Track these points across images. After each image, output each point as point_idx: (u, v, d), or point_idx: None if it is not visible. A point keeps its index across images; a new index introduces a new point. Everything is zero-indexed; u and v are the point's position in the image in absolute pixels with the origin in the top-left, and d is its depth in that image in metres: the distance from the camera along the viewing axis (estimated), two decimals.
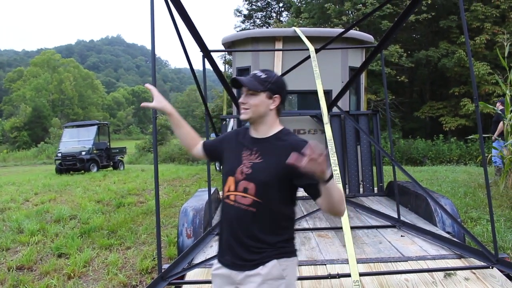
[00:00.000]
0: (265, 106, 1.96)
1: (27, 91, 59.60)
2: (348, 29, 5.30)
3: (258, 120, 1.99)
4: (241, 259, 1.92)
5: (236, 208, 1.93)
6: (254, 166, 1.93)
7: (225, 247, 2.00)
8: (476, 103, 3.22)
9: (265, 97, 1.96)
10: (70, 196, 10.07)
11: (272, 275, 1.88)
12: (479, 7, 21.69)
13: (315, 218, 4.75)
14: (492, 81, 20.64)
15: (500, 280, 2.89)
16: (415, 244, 3.68)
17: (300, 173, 1.63)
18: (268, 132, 2.00)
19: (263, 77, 1.97)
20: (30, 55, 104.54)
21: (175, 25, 3.68)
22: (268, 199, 1.90)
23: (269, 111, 1.98)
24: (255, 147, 1.98)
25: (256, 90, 1.94)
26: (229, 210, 1.97)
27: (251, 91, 1.95)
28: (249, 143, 2.02)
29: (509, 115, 8.13)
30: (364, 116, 6.23)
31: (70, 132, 20.22)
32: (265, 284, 1.87)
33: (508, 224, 5.99)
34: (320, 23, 24.99)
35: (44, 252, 5.72)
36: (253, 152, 1.97)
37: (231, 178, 1.97)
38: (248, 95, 1.96)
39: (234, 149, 2.05)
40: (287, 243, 1.98)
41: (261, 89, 1.95)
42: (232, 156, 2.04)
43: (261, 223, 1.90)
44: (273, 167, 1.89)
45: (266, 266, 1.88)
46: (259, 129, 2.01)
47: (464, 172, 12.15)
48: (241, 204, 1.92)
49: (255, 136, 2.02)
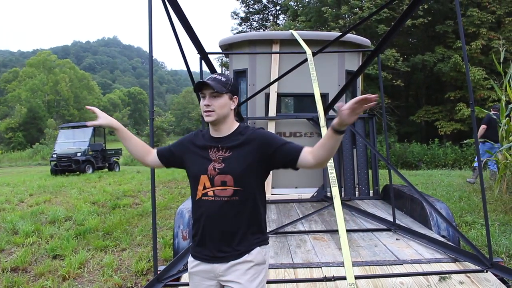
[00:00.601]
0: (228, 107, 2.07)
1: (23, 92, 59.33)
2: (345, 33, 5.32)
3: (221, 120, 2.08)
4: (223, 251, 2.03)
5: (218, 202, 2.02)
6: (225, 160, 2.03)
7: (204, 242, 2.07)
8: (472, 108, 3.23)
9: (227, 98, 2.06)
10: (65, 198, 10.03)
11: (257, 261, 2.05)
12: (475, 13, 21.85)
13: (311, 221, 4.76)
14: (487, 86, 20.78)
15: (494, 284, 2.91)
16: (410, 248, 3.69)
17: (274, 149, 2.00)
18: (229, 131, 2.10)
19: (224, 79, 2.06)
20: (26, 56, 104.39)
21: (173, 27, 3.69)
22: (247, 186, 2.03)
23: (230, 112, 2.09)
24: (220, 144, 2.08)
25: (222, 92, 2.02)
26: (208, 206, 2.04)
27: (216, 93, 2.02)
28: (213, 143, 2.10)
29: (503, 120, 8.18)
30: (360, 120, 6.25)
31: (66, 133, 20.13)
32: (252, 270, 2.03)
33: (503, 229, 6.02)
34: (317, 27, 25.07)
35: (39, 253, 5.70)
36: (220, 149, 2.07)
37: (204, 177, 2.04)
38: (212, 97, 2.03)
39: (197, 150, 2.12)
40: (264, 231, 2.14)
41: (224, 91, 2.03)
42: (197, 157, 2.11)
43: (244, 211, 2.04)
44: (243, 157, 2.02)
45: (251, 254, 2.04)
46: (221, 129, 2.10)
47: (459, 176, 12.19)
48: (222, 196, 2.02)
49: (217, 136, 2.11)
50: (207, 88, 2.03)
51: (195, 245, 2.12)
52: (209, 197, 2.03)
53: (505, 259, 4.82)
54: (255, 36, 6.77)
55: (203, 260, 2.07)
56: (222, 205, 2.02)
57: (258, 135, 2.07)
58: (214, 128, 2.10)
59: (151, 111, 3.29)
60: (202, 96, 2.06)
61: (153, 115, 3.31)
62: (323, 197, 5.92)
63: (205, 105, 2.03)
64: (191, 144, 2.17)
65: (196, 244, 2.11)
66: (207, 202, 2.04)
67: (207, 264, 2.06)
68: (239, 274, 2.01)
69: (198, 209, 2.09)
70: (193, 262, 2.12)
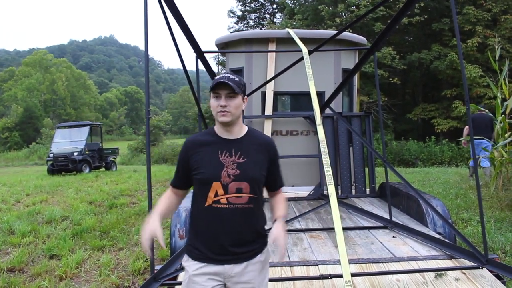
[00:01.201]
0: (241, 108, 2.03)
1: (19, 91, 59.09)
2: (342, 31, 5.32)
3: (235, 121, 2.03)
4: (237, 253, 2.01)
5: (232, 210, 1.98)
6: (240, 166, 1.98)
7: (215, 247, 2.00)
8: (468, 106, 3.24)
9: (241, 99, 2.02)
10: (62, 197, 10.01)
11: (266, 259, 2.15)
12: (471, 11, 21.90)
13: (308, 219, 4.77)
14: (483, 83, 20.85)
15: (489, 281, 2.92)
16: (406, 245, 3.70)
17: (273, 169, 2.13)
18: (241, 132, 2.08)
19: (237, 79, 2.01)
20: (22, 55, 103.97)
21: (169, 26, 3.69)
22: (259, 193, 2.07)
23: (241, 112, 2.06)
24: (232, 148, 2.02)
25: (238, 93, 1.98)
26: (221, 214, 1.98)
27: (233, 93, 1.97)
28: (224, 146, 2.03)
29: (499, 118, 8.21)
30: (357, 118, 6.26)
31: (62, 132, 20.09)
32: (264, 269, 2.13)
33: (498, 225, 6.05)
34: (314, 25, 25.07)
35: (36, 253, 5.69)
36: (232, 154, 2.01)
37: (217, 184, 1.97)
38: (228, 98, 1.98)
39: (205, 153, 2.03)
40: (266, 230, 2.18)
41: (240, 91, 1.99)
42: (206, 161, 2.01)
43: (257, 216, 2.09)
44: (258, 164, 2.03)
45: (263, 253, 2.11)
46: (233, 131, 2.05)
47: (455, 173, 12.24)
48: (237, 204, 1.98)
49: (229, 138, 2.05)
50: (224, 88, 1.96)
51: (204, 249, 2.02)
52: (222, 204, 1.97)
53: (501, 256, 4.85)
54: (252, 34, 6.77)
55: (213, 262, 2.00)
56: (237, 213, 1.98)
57: (271, 145, 2.13)
58: (226, 129, 2.04)
59: (147, 110, 3.28)
60: (216, 96, 1.99)
61: (149, 114, 3.31)
62: (319, 195, 5.93)
63: (221, 105, 1.96)
64: (197, 146, 2.06)
65: (206, 248, 2.01)
66: (220, 210, 1.98)
67: (217, 266, 2.00)
68: (254, 274, 2.05)
69: (208, 217, 2.01)
70: (198, 264, 2.02)
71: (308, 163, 6.10)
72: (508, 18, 22.02)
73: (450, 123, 22.65)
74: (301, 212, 5.05)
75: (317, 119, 4.13)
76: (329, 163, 3.57)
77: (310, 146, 6.21)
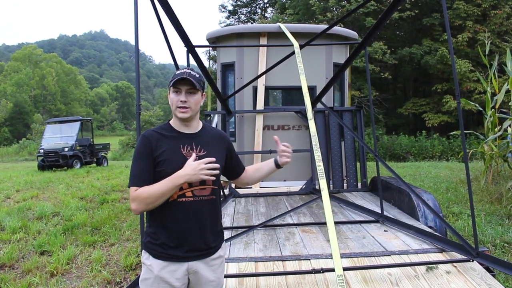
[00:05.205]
0: (199, 104, 2.08)
1: (8, 87, 58.39)
2: (333, 26, 5.32)
3: (194, 117, 2.08)
4: (201, 249, 2.04)
5: (197, 202, 2.02)
6: (201, 159, 1.95)
7: (180, 243, 2.00)
8: (458, 100, 3.26)
9: (200, 95, 2.07)
10: (52, 193, 9.94)
11: (225, 254, 2.23)
12: (461, 5, 22.00)
13: (299, 214, 4.78)
14: (473, 78, 21.00)
15: (480, 273, 2.95)
16: (398, 239, 3.73)
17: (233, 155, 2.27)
18: (198, 127, 2.13)
19: (198, 76, 2.04)
20: (11, 50, 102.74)
21: (159, 20, 3.66)
22: (219, 184, 2.15)
23: (199, 108, 2.11)
24: (193, 141, 2.07)
25: (198, 89, 2.03)
26: (187, 207, 2.00)
27: (193, 89, 2.01)
28: (185, 140, 2.05)
29: (489, 112, 8.28)
30: (348, 112, 6.28)
31: (53, 128, 19.90)
32: (223, 264, 2.20)
33: (488, 219, 6.11)
34: (305, 20, 25.07)
35: (26, 249, 5.65)
36: (193, 147, 2.05)
37: None
38: (188, 94, 2.01)
39: (167, 150, 2.00)
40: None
41: (199, 87, 2.03)
42: (170, 157, 1.99)
43: (218, 209, 2.16)
44: (217, 156, 2.05)
45: (222, 248, 2.18)
46: (192, 125, 2.10)
47: (446, 167, 12.34)
48: (202, 196, 2.04)
49: (187, 132, 2.08)
50: (185, 84, 1.99)
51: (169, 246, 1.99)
52: (188, 198, 2.00)
53: (491, 248, 4.90)
54: (243, 29, 6.75)
55: (178, 260, 2.00)
56: (202, 205, 2.03)
57: (225, 136, 2.26)
58: (185, 124, 2.07)
59: (137, 105, 3.26)
60: (176, 91, 2.00)
61: (140, 109, 3.28)
62: (311, 189, 5.94)
63: (181, 101, 1.99)
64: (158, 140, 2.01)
65: (170, 245, 1.99)
66: (186, 203, 1.99)
67: (179, 264, 2.00)
68: (215, 269, 2.10)
69: (173, 212, 1.99)
70: (162, 262, 1.99)
71: (299, 157, 6.11)
72: (497, 13, 22.18)
73: (440, 118, 22.81)
74: (293, 206, 5.05)
75: (309, 114, 4.13)
76: (321, 158, 3.57)
77: (302, 141, 6.21)
